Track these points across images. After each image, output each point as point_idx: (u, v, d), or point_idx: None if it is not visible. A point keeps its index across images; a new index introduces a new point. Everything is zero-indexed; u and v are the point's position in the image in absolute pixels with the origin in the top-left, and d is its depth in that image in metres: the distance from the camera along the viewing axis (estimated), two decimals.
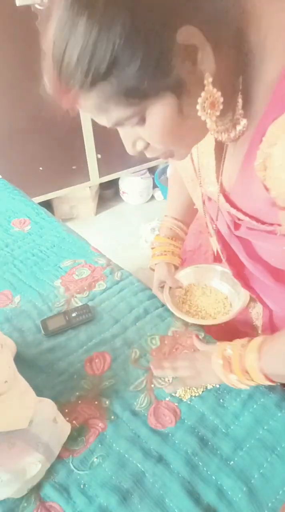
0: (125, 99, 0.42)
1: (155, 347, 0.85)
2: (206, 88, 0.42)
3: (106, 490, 0.62)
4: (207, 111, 0.44)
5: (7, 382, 0.65)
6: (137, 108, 0.43)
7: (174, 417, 0.71)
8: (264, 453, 0.65)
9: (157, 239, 0.99)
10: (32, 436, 0.63)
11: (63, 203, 2.65)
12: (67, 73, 0.41)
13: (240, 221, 0.64)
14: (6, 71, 1.98)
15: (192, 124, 0.46)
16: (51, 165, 2.39)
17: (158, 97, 0.42)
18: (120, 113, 0.44)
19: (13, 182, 1.54)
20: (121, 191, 2.86)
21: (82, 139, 2.41)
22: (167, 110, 0.43)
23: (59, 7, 0.39)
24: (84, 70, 0.39)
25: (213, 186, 0.65)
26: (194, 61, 0.40)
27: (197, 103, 0.43)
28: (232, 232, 0.69)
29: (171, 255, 0.97)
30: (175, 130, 0.46)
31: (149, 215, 2.71)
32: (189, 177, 0.73)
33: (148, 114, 0.44)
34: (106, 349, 0.85)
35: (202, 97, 0.43)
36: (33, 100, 2.13)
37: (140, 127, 0.46)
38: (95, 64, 0.38)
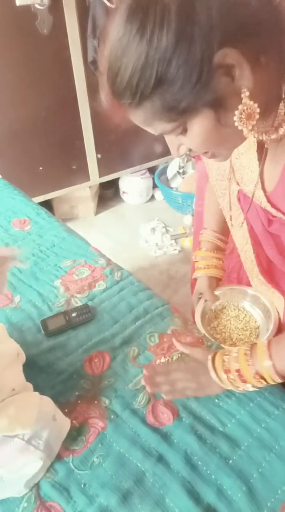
0: (167, 115, 0.46)
1: (154, 344, 0.86)
2: (243, 101, 0.46)
3: (107, 490, 0.62)
4: (243, 122, 0.47)
5: (15, 390, 0.65)
6: (178, 122, 0.48)
7: (172, 414, 0.72)
8: (263, 452, 0.65)
9: (199, 253, 1.01)
10: (33, 434, 0.63)
11: (63, 203, 2.65)
12: (118, 93, 0.46)
13: (274, 218, 0.67)
14: (6, 71, 1.98)
15: (230, 132, 0.49)
16: (51, 165, 2.39)
17: (197, 112, 0.46)
18: (164, 127, 0.49)
19: (13, 182, 1.55)
20: (121, 191, 2.87)
21: (82, 139, 2.41)
22: (206, 123, 0.47)
23: (115, 30, 0.44)
24: (133, 90, 0.44)
25: (252, 184, 0.68)
26: (232, 78, 0.44)
27: (235, 114, 0.46)
28: (265, 228, 0.71)
29: (214, 269, 0.98)
30: (214, 138, 0.50)
31: (149, 215, 2.71)
32: (225, 177, 0.76)
33: (189, 125, 0.48)
34: (105, 348, 0.85)
35: (239, 110, 0.46)
36: (33, 100, 2.14)
37: (182, 136, 0.51)
38: (142, 85, 0.43)
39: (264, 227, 0.71)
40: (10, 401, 0.64)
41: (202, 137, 0.49)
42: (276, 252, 0.74)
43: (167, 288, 2.13)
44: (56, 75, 2.13)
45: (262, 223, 0.71)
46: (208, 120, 0.47)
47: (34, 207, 1.36)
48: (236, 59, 0.43)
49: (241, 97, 0.45)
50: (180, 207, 2.65)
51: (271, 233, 0.72)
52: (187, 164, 2.75)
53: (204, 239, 1.00)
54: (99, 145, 2.48)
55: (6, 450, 0.62)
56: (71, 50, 2.10)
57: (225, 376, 0.66)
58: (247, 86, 0.45)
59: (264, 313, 0.93)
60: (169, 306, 0.95)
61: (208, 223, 1.01)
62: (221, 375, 0.67)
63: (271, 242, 0.73)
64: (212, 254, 0.99)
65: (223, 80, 0.44)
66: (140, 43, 0.41)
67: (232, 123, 0.47)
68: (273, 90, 0.50)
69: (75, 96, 2.24)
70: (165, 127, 0.49)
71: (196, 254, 1.01)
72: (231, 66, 0.43)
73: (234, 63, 0.43)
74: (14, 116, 2.13)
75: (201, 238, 1.01)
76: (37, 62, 2.04)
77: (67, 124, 2.32)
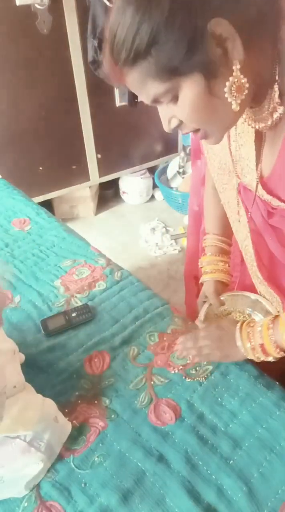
0: (160, 75, 0.48)
1: (153, 343, 0.86)
2: (234, 74, 0.48)
3: (107, 490, 0.62)
4: (233, 94, 0.49)
5: (16, 388, 0.65)
6: (170, 84, 0.49)
7: (175, 414, 0.72)
8: (263, 452, 0.65)
9: (205, 259, 1.00)
10: (34, 435, 0.63)
11: (63, 203, 2.65)
12: (116, 51, 0.49)
13: (274, 210, 0.67)
14: (6, 71, 1.98)
15: (220, 105, 0.51)
16: (51, 165, 2.39)
17: (188, 76, 0.48)
18: (156, 89, 0.50)
19: (13, 182, 1.55)
20: (121, 191, 2.87)
21: (82, 139, 2.41)
22: (196, 89, 0.49)
23: (116, 3, 0.47)
24: (128, 47, 0.47)
25: (251, 174, 0.69)
26: (225, 48, 0.46)
27: (225, 85, 0.48)
28: (266, 221, 0.72)
29: (220, 273, 0.98)
30: (204, 108, 0.51)
31: (149, 215, 2.71)
32: (226, 170, 0.76)
33: (181, 91, 0.50)
34: (105, 348, 0.85)
35: (230, 81, 0.48)
36: (33, 100, 2.14)
37: (174, 105, 0.52)
38: (137, 43, 0.46)
39: (264, 220, 0.72)
40: (13, 401, 0.64)
41: (192, 105, 0.51)
42: (277, 243, 0.74)
43: (167, 288, 2.13)
44: (56, 75, 2.13)
45: (262, 215, 0.71)
46: (199, 86, 0.48)
47: (34, 207, 1.36)
48: (229, 31, 0.45)
49: (232, 69, 0.48)
50: (180, 207, 2.65)
51: (272, 226, 0.72)
52: (187, 164, 2.75)
53: (208, 244, 1.00)
54: (99, 145, 2.48)
55: (7, 451, 0.62)
56: (71, 50, 2.10)
57: (250, 345, 0.71)
58: (238, 59, 0.47)
59: (264, 316, 0.92)
60: (169, 306, 0.95)
61: (209, 227, 1.01)
62: (246, 345, 0.72)
63: (272, 234, 0.73)
64: (217, 258, 0.98)
65: (216, 50, 0.46)
66: (138, 6, 0.45)
67: (222, 94, 0.49)
68: (265, 71, 0.52)
69: (75, 96, 2.24)
70: (158, 89, 0.50)
71: (202, 260, 1.01)
72: (225, 38, 0.45)
73: (227, 36, 0.45)
74: (14, 116, 2.13)
75: (205, 244, 1.01)
76: (37, 62, 2.04)
77: (67, 124, 2.32)
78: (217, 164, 0.78)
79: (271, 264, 0.82)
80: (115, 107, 2.39)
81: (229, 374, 0.78)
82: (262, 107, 0.56)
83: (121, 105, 2.38)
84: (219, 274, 0.98)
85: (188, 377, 0.78)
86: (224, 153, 0.73)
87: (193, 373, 0.79)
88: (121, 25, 0.47)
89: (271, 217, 0.70)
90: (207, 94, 0.49)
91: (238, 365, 0.79)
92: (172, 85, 0.49)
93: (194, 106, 0.51)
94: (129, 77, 0.51)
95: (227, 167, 0.75)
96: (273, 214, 0.69)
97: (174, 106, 0.52)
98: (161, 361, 0.82)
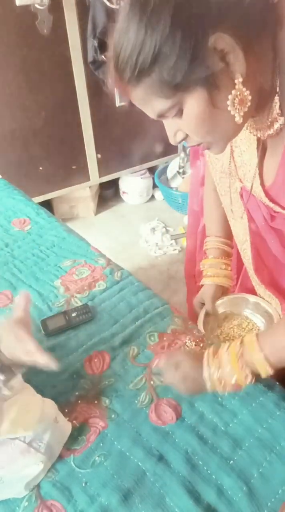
0: (164, 91, 0.49)
1: (153, 343, 0.86)
2: (237, 87, 0.49)
3: (107, 489, 0.62)
4: (236, 107, 0.50)
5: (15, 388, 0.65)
6: (175, 99, 0.50)
7: (175, 414, 0.72)
8: (263, 452, 0.65)
9: (207, 261, 0.99)
10: (34, 436, 0.63)
11: (63, 203, 2.65)
12: (120, 69, 0.50)
13: (276, 214, 0.68)
14: (6, 71, 1.98)
15: (224, 117, 0.52)
16: (51, 165, 2.39)
17: (192, 90, 0.49)
18: (161, 105, 0.51)
19: (13, 182, 1.55)
20: (121, 191, 2.87)
21: (82, 139, 2.41)
22: (200, 103, 0.50)
23: (120, 19, 0.49)
24: (132, 66, 0.48)
25: (253, 181, 0.69)
26: (227, 62, 0.47)
27: (228, 99, 0.49)
28: (267, 224, 0.72)
29: (223, 278, 0.97)
30: (208, 121, 0.52)
31: (149, 215, 2.72)
32: (228, 174, 0.77)
33: (185, 106, 0.51)
34: (105, 348, 0.85)
35: (233, 95, 0.49)
36: (33, 100, 2.14)
37: (179, 119, 0.53)
38: (141, 61, 0.47)
39: (267, 222, 0.72)
40: (12, 402, 0.64)
41: (196, 118, 0.51)
42: (279, 245, 0.74)
43: (167, 288, 2.13)
44: (56, 75, 2.13)
45: (265, 218, 0.72)
46: (202, 100, 0.49)
47: (34, 207, 1.36)
48: (230, 44, 0.46)
49: (234, 82, 0.48)
50: (180, 207, 2.65)
51: (274, 228, 0.73)
52: (187, 164, 2.75)
53: (210, 246, 0.99)
54: (99, 145, 2.48)
55: (7, 452, 0.62)
56: (71, 50, 2.10)
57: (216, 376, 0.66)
58: (240, 72, 0.48)
59: (266, 320, 0.92)
60: (169, 306, 0.95)
61: (210, 230, 1.00)
62: (213, 377, 0.66)
63: (274, 236, 0.74)
64: (220, 260, 0.97)
65: (218, 64, 0.47)
66: (140, 24, 0.46)
67: (225, 107, 0.50)
68: (266, 82, 0.52)
69: (75, 96, 2.24)
70: (163, 105, 0.51)
71: (204, 263, 1.00)
72: (226, 52, 0.46)
73: (229, 49, 0.46)
74: (14, 116, 2.13)
75: (206, 247, 1.00)
76: (37, 62, 2.04)
77: (67, 124, 2.32)
78: (220, 168, 0.78)
79: (273, 266, 0.82)
80: (115, 107, 2.39)
81: None
82: (263, 117, 0.57)
83: (121, 105, 2.38)
84: (221, 278, 0.97)
85: None
86: (226, 158, 0.74)
87: None
88: (125, 43, 0.48)
89: (274, 220, 0.70)
90: (211, 107, 0.50)
91: None
92: (177, 100, 0.50)
93: (198, 120, 0.52)
94: (134, 94, 0.52)
95: (229, 171, 0.76)
96: (275, 217, 0.70)
97: (179, 120, 0.53)
98: None
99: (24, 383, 0.70)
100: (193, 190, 1.50)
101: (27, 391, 0.70)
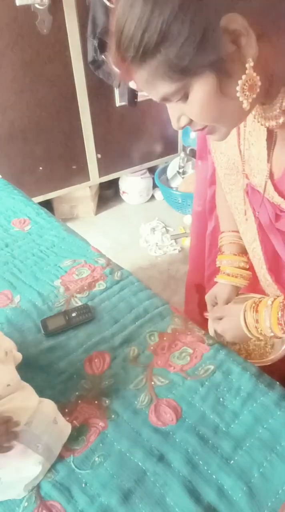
0: (170, 75, 0.46)
1: (153, 343, 0.86)
2: (247, 72, 0.46)
3: (107, 489, 0.62)
4: (245, 93, 0.47)
5: (10, 386, 0.65)
6: (180, 84, 0.47)
7: (175, 415, 0.71)
8: (264, 452, 0.65)
9: (223, 257, 0.94)
10: (32, 437, 0.63)
11: (63, 203, 2.65)
12: (123, 47, 0.46)
13: (281, 213, 0.66)
14: (6, 71, 1.98)
15: (231, 104, 0.49)
16: (51, 165, 2.39)
17: (199, 74, 0.46)
18: (166, 89, 0.48)
19: (13, 182, 1.55)
20: (121, 191, 2.86)
21: (82, 139, 2.41)
22: (207, 88, 0.47)
23: None
24: (136, 45, 0.44)
25: (261, 175, 0.67)
26: (238, 45, 0.44)
27: (237, 84, 0.46)
28: (272, 224, 0.70)
29: (240, 278, 0.92)
30: (214, 107, 0.50)
31: (149, 215, 2.71)
32: (234, 170, 0.75)
33: (191, 90, 0.48)
34: (105, 348, 0.85)
35: (243, 80, 0.46)
36: (33, 100, 2.14)
37: (183, 104, 0.50)
38: (146, 39, 0.43)
39: (271, 222, 0.71)
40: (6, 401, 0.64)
41: (202, 104, 0.49)
42: (284, 246, 0.73)
43: (167, 288, 2.13)
44: (56, 75, 2.13)
45: (270, 217, 0.70)
46: (210, 85, 0.46)
47: (34, 207, 1.35)
48: (243, 26, 0.43)
49: (245, 67, 0.45)
50: (180, 207, 2.65)
51: (278, 229, 0.71)
52: (187, 164, 2.75)
53: (226, 242, 0.94)
54: (99, 145, 2.48)
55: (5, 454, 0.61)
56: (71, 50, 2.10)
57: None
58: (252, 56, 0.45)
59: None
60: (169, 306, 0.95)
61: (225, 226, 0.96)
62: None
63: (278, 238, 0.72)
64: (239, 258, 0.92)
65: (228, 46, 0.44)
66: (147, 1, 0.42)
67: (234, 93, 0.47)
68: (278, 69, 0.50)
69: (75, 96, 2.24)
70: (167, 89, 0.48)
71: (221, 259, 0.95)
72: (238, 33, 0.43)
73: (241, 31, 0.43)
74: (14, 116, 2.13)
75: (222, 242, 0.95)
76: (37, 62, 2.04)
77: (67, 124, 2.32)
78: (225, 164, 0.76)
79: (278, 266, 0.81)
80: (115, 107, 2.39)
81: (231, 374, 0.78)
82: (273, 105, 0.54)
83: (121, 105, 2.38)
84: (240, 279, 0.92)
85: (189, 377, 0.77)
86: (232, 152, 0.71)
87: (195, 373, 0.78)
88: (129, 19, 0.44)
89: (278, 220, 0.69)
90: (218, 93, 0.47)
91: (240, 364, 0.79)
92: (183, 84, 0.47)
93: (204, 105, 0.49)
94: (137, 75, 0.49)
95: (235, 166, 0.74)
96: (280, 217, 0.68)
97: (183, 105, 0.51)
98: (161, 361, 0.82)
99: (23, 382, 0.70)
100: (196, 190, 1.45)
101: (28, 390, 0.70)
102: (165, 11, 0.42)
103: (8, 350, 0.73)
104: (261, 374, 0.78)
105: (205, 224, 1.33)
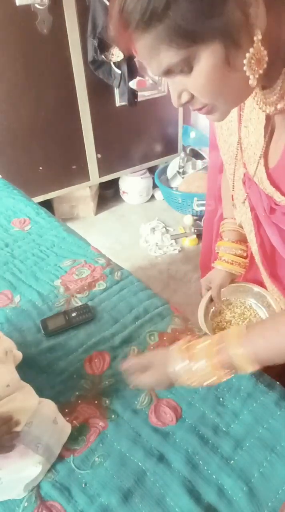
0: (177, 40, 0.44)
1: (153, 343, 0.86)
2: (255, 45, 0.45)
3: (107, 489, 0.62)
4: (253, 67, 0.46)
5: (9, 387, 0.65)
6: (186, 52, 0.45)
7: (175, 415, 0.71)
8: (264, 452, 0.65)
9: (221, 244, 0.95)
10: (32, 437, 0.63)
11: (63, 203, 2.65)
12: (127, 11, 0.44)
13: (276, 206, 0.65)
14: (6, 71, 1.98)
15: (237, 78, 0.48)
16: (51, 165, 2.39)
17: (207, 44, 0.44)
18: (170, 58, 0.46)
19: (13, 182, 1.55)
20: (121, 191, 2.87)
21: (82, 139, 2.41)
22: (214, 59, 0.45)
23: None
24: (143, 7, 0.42)
25: (256, 163, 0.66)
26: (247, 15, 0.43)
27: (245, 57, 0.45)
28: (268, 216, 0.70)
29: (236, 266, 0.93)
30: (219, 81, 0.48)
31: (149, 215, 2.71)
32: (233, 159, 0.74)
33: (196, 62, 0.46)
34: (105, 348, 0.85)
35: (250, 53, 0.45)
36: (33, 100, 2.14)
37: (187, 77, 0.49)
38: (153, 2, 0.42)
39: (266, 215, 0.70)
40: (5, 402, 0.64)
41: (208, 75, 0.47)
42: (279, 240, 0.72)
43: (167, 288, 2.13)
44: (56, 75, 2.13)
45: (265, 210, 0.70)
46: (217, 56, 0.45)
47: (34, 207, 1.36)
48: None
49: (253, 39, 0.44)
50: (180, 207, 2.65)
51: (273, 222, 0.71)
52: (187, 164, 2.75)
53: (226, 228, 0.94)
54: (99, 145, 2.48)
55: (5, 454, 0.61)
56: (71, 50, 2.10)
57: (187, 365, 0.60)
58: (260, 28, 0.44)
59: (269, 312, 0.92)
60: (169, 306, 0.95)
61: (227, 212, 0.96)
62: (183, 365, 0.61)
63: (274, 230, 0.72)
64: (237, 246, 0.93)
65: (237, 15, 0.43)
66: None
67: (240, 67, 0.46)
68: (281, 48, 0.49)
69: (75, 96, 2.24)
70: (172, 58, 0.46)
71: (219, 245, 0.95)
72: (248, 3, 0.42)
73: (251, 0, 0.42)
74: (14, 116, 2.13)
75: (223, 229, 0.96)
76: (37, 62, 2.04)
77: (67, 124, 2.32)
78: (227, 153, 0.76)
79: (273, 259, 0.81)
80: (115, 107, 2.39)
81: None
82: (274, 89, 0.53)
83: (121, 105, 2.38)
84: (235, 267, 0.93)
85: None
86: (233, 139, 0.71)
87: None
88: None
89: (273, 213, 0.68)
90: (225, 65, 0.46)
91: None
92: (188, 54, 0.45)
93: (209, 78, 0.47)
94: (140, 43, 0.46)
95: (234, 155, 0.73)
96: (275, 211, 0.67)
97: (186, 78, 0.49)
98: None
99: (23, 382, 0.70)
100: (208, 185, 1.46)
101: (28, 390, 0.70)
102: None
103: (8, 350, 0.73)
104: (261, 374, 0.78)
105: (216, 211, 1.36)
